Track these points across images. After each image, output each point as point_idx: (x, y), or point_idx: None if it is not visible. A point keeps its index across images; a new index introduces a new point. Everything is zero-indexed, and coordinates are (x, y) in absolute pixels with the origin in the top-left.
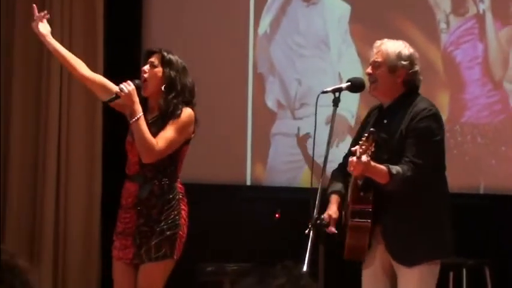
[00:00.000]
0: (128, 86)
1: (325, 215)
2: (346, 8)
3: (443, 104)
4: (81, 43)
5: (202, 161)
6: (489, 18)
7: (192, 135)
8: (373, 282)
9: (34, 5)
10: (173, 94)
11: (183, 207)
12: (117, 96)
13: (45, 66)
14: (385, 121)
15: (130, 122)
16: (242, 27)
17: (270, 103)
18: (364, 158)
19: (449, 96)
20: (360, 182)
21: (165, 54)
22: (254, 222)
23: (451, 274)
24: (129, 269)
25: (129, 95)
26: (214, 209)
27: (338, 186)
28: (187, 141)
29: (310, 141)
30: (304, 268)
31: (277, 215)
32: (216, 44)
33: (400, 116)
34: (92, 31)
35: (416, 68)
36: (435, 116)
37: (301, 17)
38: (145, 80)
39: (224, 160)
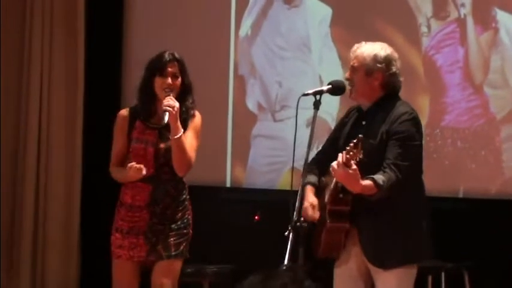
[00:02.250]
0: (175, 103)
1: (306, 204)
2: (328, 11)
3: (423, 107)
4: (62, 56)
5: None
6: (470, 22)
7: None
8: (347, 283)
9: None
10: (191, 99)
11: (190, 206)
12: (170, 114)
13: (25, 65)
14: (364, 123)
15: (173, 138)
16: (223, 29)
17: (251, 105)
18: (352, 169)
19: (429, 100)
20: (339, 185)
21: (182, 61)
22: (234, 224)
23: (430, 278)
24: (135, 267)
25: (177, 111)
26: (193, 210)
27: (313, 178)
28: None
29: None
30: None
31: (256, 217)
32: (197, 46)
33: (380, 119)
34: (73, 36)
35: (394, 69)
36: (415, 121)
37: (282, 19)
38: (171, 90)
39: (204, 161)
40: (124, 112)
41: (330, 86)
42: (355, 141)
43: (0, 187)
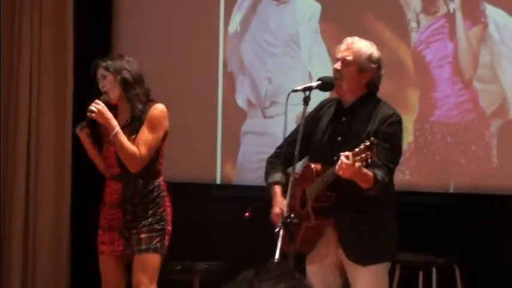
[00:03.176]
0: (97, 105)
1: (276, 210)
2: (317, 7)
3: (413, 102)
4: (50, 50)
5: (172, 159)
6: (459, 17)
7: (168, 129)
8: (321, 278)
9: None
10: (132, 90)
11: (167, 203)
12: (89, 119)
13: (15, 62)
14: (344, 119)
15: (109, 137)
16: (212, 26)
17: (240, 102)
18: (358, 164)
19: (419, 95)
20: (328, 183)
21: (102, 63)
22: (224, 220)
23: (421, 273)
24: (117, 262)
25: (100, 113)
26: (183, 207)
27: (278, 176)
28: (164, 137)
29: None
30: None
31: (247, 214)
32: (186, 43)
33: (363, 118)
34: (62, 33)
35: (383, 71)
36: (400, 122)
37: (271, 15)
38: (105, 92)
39: (194, 158)
40: None
41: (319, 82)
42: (368, 144)
43: None
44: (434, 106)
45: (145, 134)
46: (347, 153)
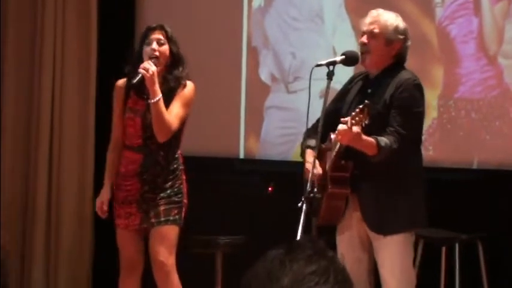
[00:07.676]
0: (151, 66)
1: (307, 165)
2: None
3: (437, 78)
4: (74, 24)
5: (196, 134)
6: None
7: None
8: (349, 249)
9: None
10: (180, 68)
11: (184, 177)
12: (143, 77)
13: (38, 47)
14: (369, 91)
15: (150, 102)
16: (236, 1)
17: (264, 76)
18: (356, 128)
19: (443, 71)
20: (342, 151)
21: (168, 30)
22: (247, 195)
23: (444, 249)
24: (134, 236)
25: (152, 75)
26: (207, 182)
27: (313, 142)
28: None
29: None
30: None
31: (270, 189)
32: (210, 18)
33: (385, 87)
34: (85, 12)
35: (409, 43)
36: (418, 87)
37: None
38: (157, 57)
39: (217, 133)
40: (121, 82)
41: (343, 57)
42: (361, 106)
43: (4, 162)
44: (458, 82)
45: (178, 107)
46: (346, 118)
